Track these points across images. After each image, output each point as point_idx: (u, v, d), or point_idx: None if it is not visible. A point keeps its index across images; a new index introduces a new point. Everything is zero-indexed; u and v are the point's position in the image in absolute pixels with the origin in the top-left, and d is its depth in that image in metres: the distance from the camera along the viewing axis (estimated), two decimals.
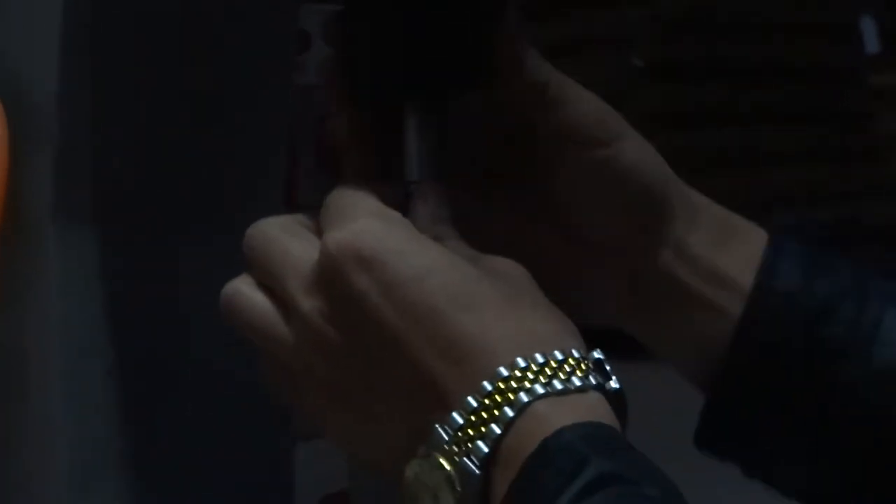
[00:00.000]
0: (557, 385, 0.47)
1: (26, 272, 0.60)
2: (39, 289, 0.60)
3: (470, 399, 0.47)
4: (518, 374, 0.47)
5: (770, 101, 2.69)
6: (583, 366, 0.49)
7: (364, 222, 0.51)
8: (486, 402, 0.47)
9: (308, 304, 0.51)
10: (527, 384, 0.47)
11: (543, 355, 0.48)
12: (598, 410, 0.48)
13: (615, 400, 0.50)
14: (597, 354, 0.50)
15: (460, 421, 0.47)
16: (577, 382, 0.48)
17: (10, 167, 0.59)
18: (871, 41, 2.68)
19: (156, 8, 0.62)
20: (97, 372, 0.61)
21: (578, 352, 0.49)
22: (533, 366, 0.48)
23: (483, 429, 0.47)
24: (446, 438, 0.47)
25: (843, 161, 2.80)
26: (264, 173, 0.66)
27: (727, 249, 0.61)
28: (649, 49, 2.62)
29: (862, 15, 2.70)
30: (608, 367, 0.50)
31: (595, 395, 0.49)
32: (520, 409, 0.47)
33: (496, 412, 0.47)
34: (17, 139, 0.59)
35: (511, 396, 0.47)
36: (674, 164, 0.62)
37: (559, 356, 0.48)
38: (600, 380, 0.49)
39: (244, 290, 0.54)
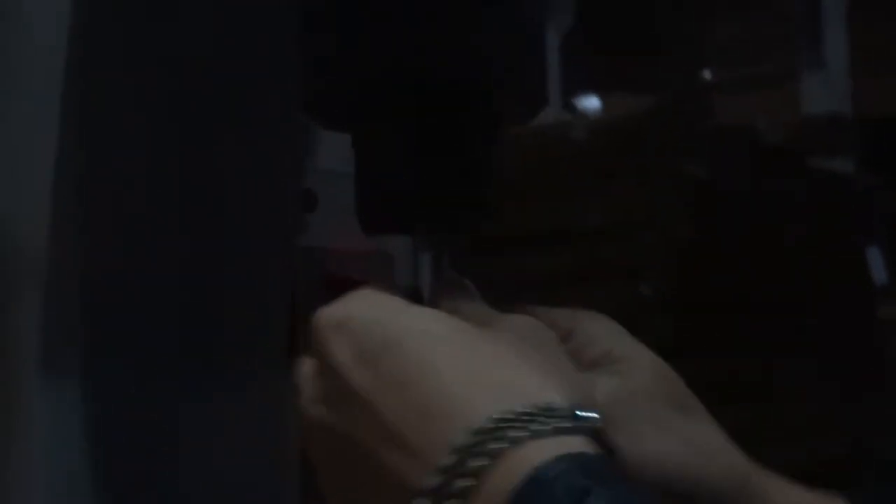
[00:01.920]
0: (535, 428, 0.45)
1: (9, 422, 0.57)
2: (24, 441, 0.56)
3: (443, 461, 0.46)
4: (490, 427, 0.45)
5: (780, 333, 2.68)
6: (561, 416, 0.46)
7: (354, 296, 0.51)
8: (454, 463, 0.45)
9: (307, 392, 0.51)
10: (497, 435, 0.45)
11: (523, 406, 0.46)
12: (587, 448, 0.46)
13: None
14: (583, 412, 0.47)
15: (435, 481, 0.46)
16: (558, 425, 0.45)
17: None
18: (879, 273, 2.68)
19: (152, 163, 0.60)
20: None
21: (561, 405, 0.46)
22: (503, 421, 0.46)
23: (458, 483, 0.45)
24: None
25: (857, 397, 2.77)
26: (264, 326, 0.63)
27: None
28: (658, 278, 2.62)
29: (868, 247, 2.71)
30: (593, 417, 0.47)
31: (581, 439, 0.46)
32: (493, 455, 0.45)
33: (466, 467, 0.45)
34: (3, 281, 0.56)
35: (482, 448, 0.45)
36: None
37: (534, 410, 0.46)
38: (584, 425, 0.46)
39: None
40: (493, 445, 0.44)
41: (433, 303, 0.53)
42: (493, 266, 0.46)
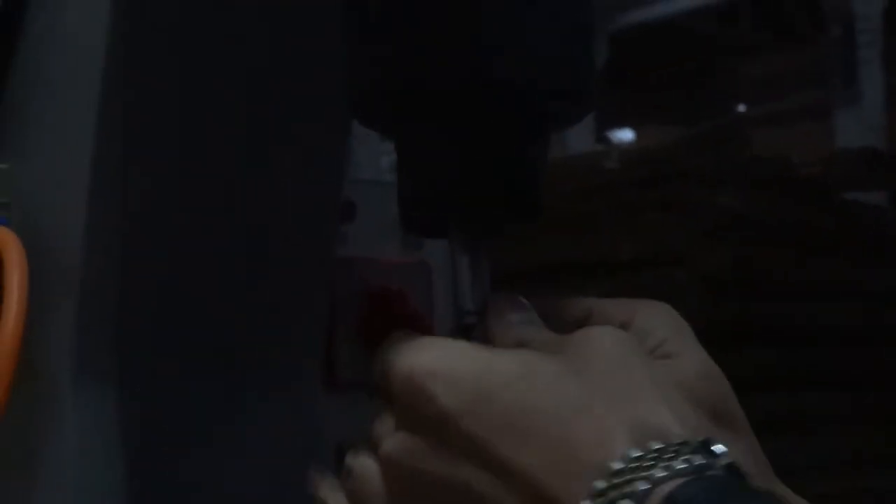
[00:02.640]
0: (670, 465, 0.43)
1: (41, 427, 0.56)
2: (54, 446, 0.56)
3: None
4: (625, 467, 0.43)
5: (815, 365, 2.65)
6: (692, 449, 0.44)
7: (433, 344, 0.49)
8: None
9: (391, 443, 0.48)
10: (632, 476, 0.43)
11: (652, 443, 0.44)
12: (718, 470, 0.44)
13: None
14: (702, 437, 0.45)
15: None
16: (691, 459, 0.43)
17: (31, 313, 0.55)
18: None
19: (190, 171, 0.60)
20: None
21: (686, 436, 0.44)
22: (636, 461, 0.43)
23: None
24: None
25: (890, 427, 2.74)
26: (298, 336, 0.63)
27: None
28: (693, 310, 2.59)
29: None
30: (717, 447, 0.44)
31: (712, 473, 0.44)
32: (634, 497, 0.43)
33: None
34: (38, 286, 0.56)
35: (620, 491, 0.43)
36: None
37: (663, 444, 0.44)
38: (707, 459, 0.44)
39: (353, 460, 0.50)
40: (631, 487, 0.42)
41: (497, 329, 0.50)
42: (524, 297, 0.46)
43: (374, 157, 0.67)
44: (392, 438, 0.48)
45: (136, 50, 0.57)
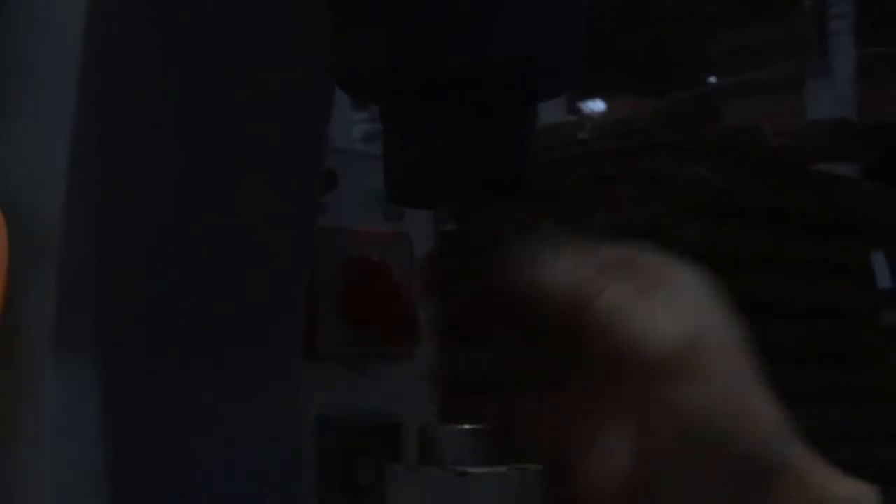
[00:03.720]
0: None
1: (19, 407, 0.55)
2: (33, 427, 0.55)
3: None
4: None
5: (782, 341, 2.66)
6: None
7: None
8: None
9: None
10: None
11: None
12: None
13: None
14: None
15: None
16: None
17: (9, 288, 0.54)
18: (883, 277, 2.67)
19: (169, 142, 0.59)
20: None
21: None
22: None
23: None
24: None
25: (858, 402, 2.76)
26: (282, 312, 0.62)
27: None
28: None
29: (873, 252, 2.70)
30: None
31: None
32: None
33: None
34: (17, 261, 0.55)
35: None
36: None
37: None
38: None
39: None
40: None
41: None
42: None
43: (346, 127, 0.66)
44: None
45: (115, 26, 0.56)
